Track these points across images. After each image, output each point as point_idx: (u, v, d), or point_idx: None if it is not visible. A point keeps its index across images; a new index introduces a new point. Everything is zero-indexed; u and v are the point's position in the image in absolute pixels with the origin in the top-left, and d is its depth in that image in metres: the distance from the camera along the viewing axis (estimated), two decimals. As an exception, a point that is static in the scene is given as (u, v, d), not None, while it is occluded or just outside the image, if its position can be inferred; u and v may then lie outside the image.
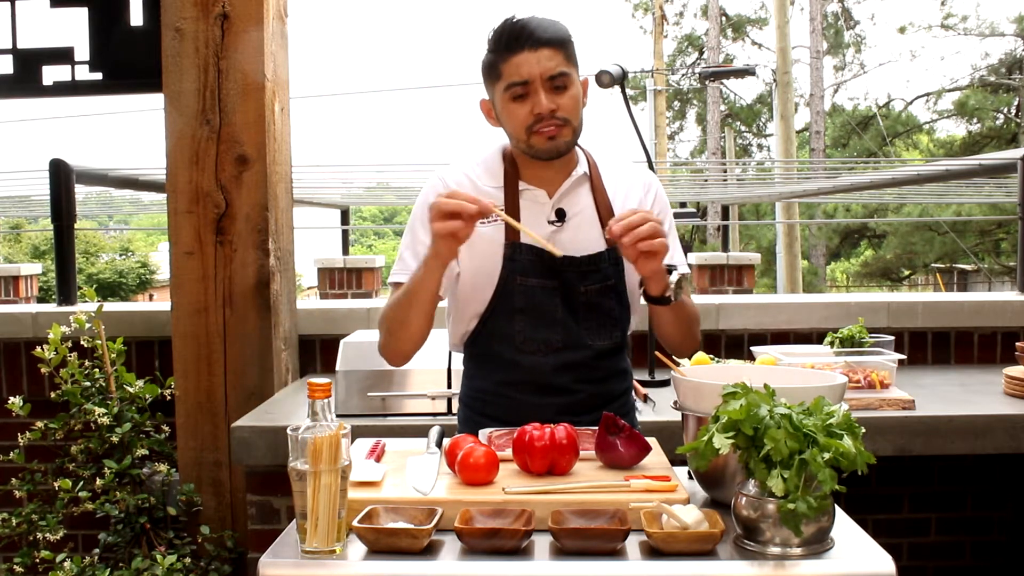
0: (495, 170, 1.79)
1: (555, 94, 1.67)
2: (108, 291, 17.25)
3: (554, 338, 1.74)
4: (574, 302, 1.73)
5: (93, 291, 2.79)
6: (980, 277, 18.62)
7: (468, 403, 1.87)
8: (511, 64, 1.66)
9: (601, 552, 1.22)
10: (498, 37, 1.69)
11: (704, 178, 9.54)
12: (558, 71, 1.66)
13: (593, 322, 1.75)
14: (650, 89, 17.24)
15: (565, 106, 1.68)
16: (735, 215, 13.74)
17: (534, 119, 1.67)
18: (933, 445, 2.30)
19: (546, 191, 1.76)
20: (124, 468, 2.56)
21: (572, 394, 1.75)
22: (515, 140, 1.73)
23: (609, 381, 1.82)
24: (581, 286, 1.73)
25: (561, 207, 1.75)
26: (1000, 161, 4.53)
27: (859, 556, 1.22)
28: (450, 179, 1.79)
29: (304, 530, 1.23)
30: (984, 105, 18.62)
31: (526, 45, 1.65)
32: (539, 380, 1.75)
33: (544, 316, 1.73)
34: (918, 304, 3.13)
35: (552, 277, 1.72)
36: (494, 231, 1.73)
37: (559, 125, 1.67)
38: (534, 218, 1.74)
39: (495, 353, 1.78)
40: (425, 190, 1.81)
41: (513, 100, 1.68)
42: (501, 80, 1.68)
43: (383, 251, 28.62)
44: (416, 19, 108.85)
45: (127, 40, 2.83)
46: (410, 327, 1.72)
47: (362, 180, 7.01)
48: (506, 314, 1.74)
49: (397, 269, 1.79)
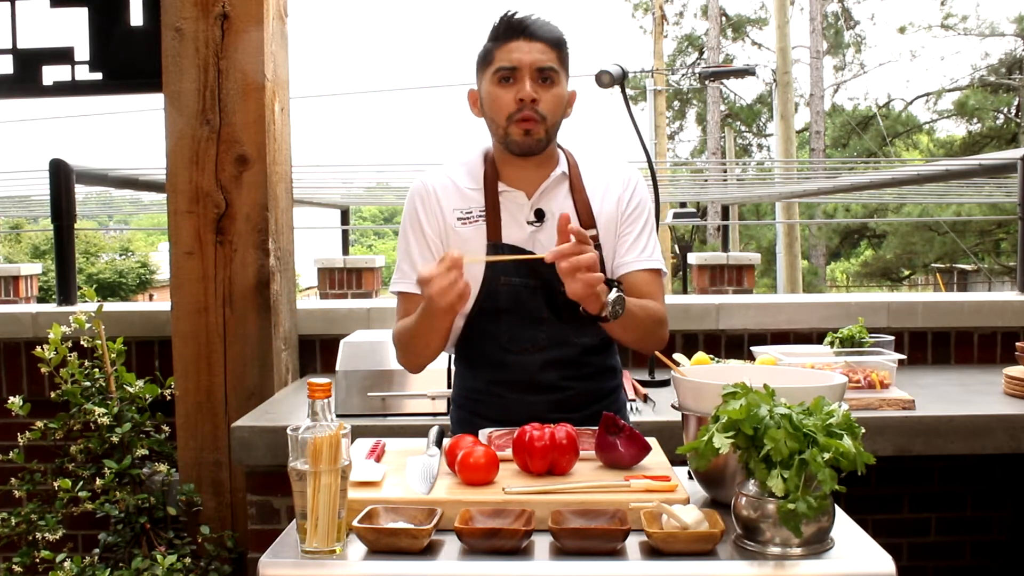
0: (475, 172, 1.82)
1: (540, 87, 1.70)
2: (108, 291, 17.25)
3: (539, 336, 1.76)
4: (557, 301, 1.74)
5: (93, 291, 2.79)
6: (980, 277, 18.62)
7: (461, 404, 1.89)
8: (504, 50, 1.70)
9: (601, 552, 1.22)
10: (496, 26, 1.73)
11: (704, 178, 9.54)
12: (548, 65, 1.70)
13: (577, 320, 1.74)
14: (650, 89, 17.22)
15: (547, 101, 1.70)
16: (735, 215, 13.75)
17: (516, 107, 1.69)
18: (933, 445, 2.30)
19: (525, 192, 1.78)
20: (124, 468, 2.56)
21: (561, 391, 1.78)
22: (494, 128, 1.75)
23: (597, 378, 1.84)
24: (562, 286, 1.72)
25: (540, 207, 1.78)
26: (1000, 161, 4.53)
27: (859, 556, 1.22)
28: (431, 182, 1.82)
29: (304, 530, 1.23)
30: (984, 105, 18.62)
31: (522, 35, 1.70)
32: (527, 378, 1.77)
33: (528, 315, 1.76)
34: (918, 304, 3.13)
35: (535, 277, 1.74)
36: (475, 232, 1.77)
37: (536, 120, 1.70)
38: (513, 219, 1.77)
39: (483, 353, 1.81)
40: (410, 195, 1.85)
41: (499, 84, 1.71)
42: (492, 65, 1.72)
43: (383, 251, 28.64)
44: (416, 19, 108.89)
45: (127, 40, 2.83)
46: (429, 347, 1.75)
47: (362, 180, 7.01)
48: (491, 314, 1.76)
49: (396, 278, 1.83)
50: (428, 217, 1.80)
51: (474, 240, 1.76)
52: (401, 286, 1.81)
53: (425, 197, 1.81)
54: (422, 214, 1.80)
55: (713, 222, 13.79)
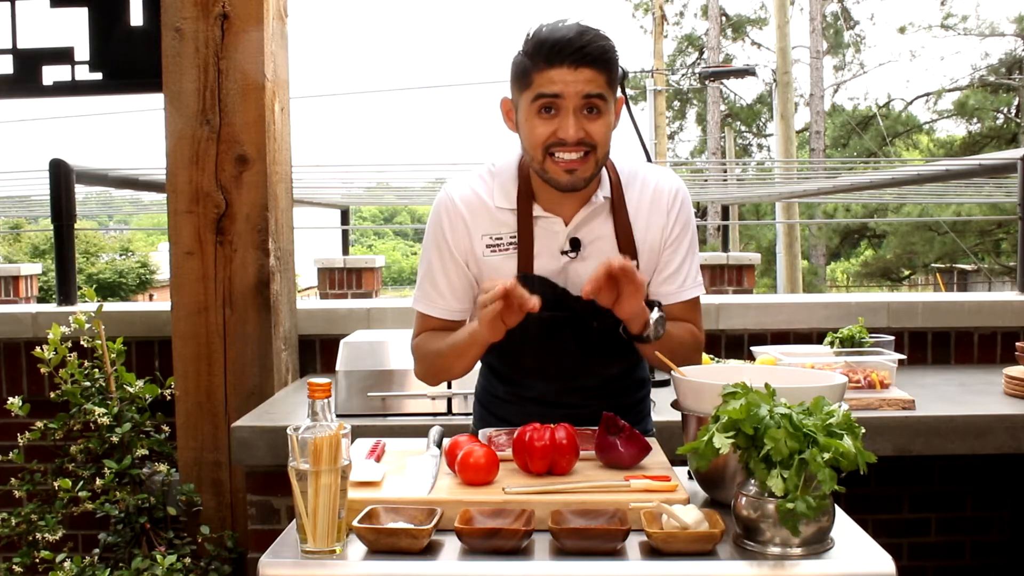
0: (508, 188, 1.67)
1: (586, 119, 1.54)
2: (108, 291, 17.23)
3: (565, 367, 1.72)
4: (585, 335, 1.68)
5: (93, 291, 2.79)
6: (980, 277, 18.62)
7: (483, 403, 1.87)
8: (545, 76, 1.52)
9: (601, 552, 1.22)
10: (538, 44, 1.53)
11: (704, 178, 9.53)
12: (596, 92, 1.53)
13: (606, 354, 1.72)
14: (650, 89, 17.23)
15: (594, 133, 1.54)
16: (735, 215, 13.73)
17: (555, 140, 1.54)
18: (933, 445, 2.30)
19: (562, 218, 1.65)
20: (124, 468, 2.56)
21: (584, 408, 1.72)
22: (530, 157, 1.60)
23: (622, 395, 1.80)
24: (593, 321, 1.66)
25: (577, 236, 1.65)
26: (1000, 161, 4.52)
27: (859, 556, 1.22)
28: (458, 198, 1.68)
29: (304, 530, 1.23)
30: (984, 105, 18.61)
31: (567, 61, 1.50)
32: (548, 399, 1.74)
33: (555, 348, 1.69)
34: (918, 304, 3.13)
35: (563, 309, 1.66)
36: (505, 261, 1.66)
37: (582, 156, 1.54)
38: (547, 247, 1.65)
39: (507, 371, 1.79)
40: (435, 208, 1.71)
41: (538, 114, 1.54)
42: (530, 89, 1.54)
43: (383, 251, 28.67)
44: (416, 19, 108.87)
45: (127, 40, 2.83)
46: (455, 372, 1.72)
47: (362, 180, 7.00)
48: (519, 342, 1.65)
49: (419, 296, 1.74)
50: (455, 239, 1.67)
51: (503, 269, 1.65)
52: (423, 306, 1.73)
53: (453, 215, 1.67)
54: (448, 234, 1.67)
55: (713, 222, 13.78)
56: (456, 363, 1.68)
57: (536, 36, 1.55)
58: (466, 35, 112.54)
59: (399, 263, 32.19)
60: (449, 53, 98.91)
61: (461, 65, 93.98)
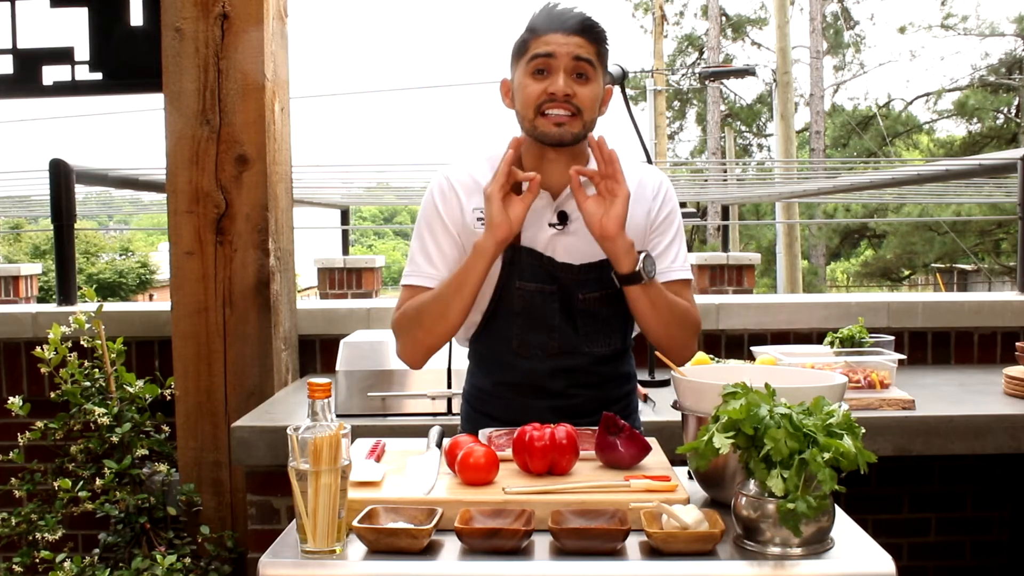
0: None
1: (575, 81, 1.64)
2: (108, 291, 17.25)
3: (551, 343, 1.73)
4: (572, 309, 1.72)
5: (93, 291, 2.79)
6: (980, 277, 18.62)
7: (469, 400, 1.88)
8: (540, 40, 1.64)
9: (601, 552, 1.22)
10: (535, 17, 1.68)
11: (704, 178, 9.54)
12: (585, 57, 1.64)
13: (591, 329, 1.74)
14: (650, 89, 17.24)
15: (582, 96, 1.64)
16: (735, 215, 13.74)
17: (546, 97, 1.63)
18: (933, 445, 2.30)
19: (550, 193, 1.72)
20: (124, 468, 2.56)
21: (569, 398, 1.75)
22: (522, 119, 1.69)
23: (607, 386, 1.80)
24: (580, 293, 1.72)
25: (564, 210, 1.72)
26: (1000, 161, 4.52)
27: (859, 556, 1.22)
28: (454, 178, 1.77)
29: (304, 530, 1.23)
30: (984, 105, 18.62)
31: (561, 28, 1.64)
32: (535, 383, 1.74)
33: (541, 321, 1.72)
34: (918, 304, 3.13)
35: (551, 282, 1.71)
36: None
37: (571, 114, 1.64)
38: (534, 220, 1.71)
39: (493, 354, 1.79)
40: (430, 189, 1.79)
41: (532, 75, 1.65)
42: (526, 54, 1.66)
43: (383, 251, 28.65)
44: (416, 19, 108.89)
45: (127, 40, 2.83)
46: (448, 320, 1.68)
47: (362, 180, 7.01)
48: (505, 317, 1.73)
49: (410, 271, 1.77)
50: (447, 210, 1.75)
51: None
52: (414, 279, 1.76)
53: (446, 192, 1.76)
54: (441, 207, 1.75)
55: (713, 222, 13.79)
56: (454, 300, 1.66)
57: (534, 13, 1.69)
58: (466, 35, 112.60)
59: (399, 263, 32.18)
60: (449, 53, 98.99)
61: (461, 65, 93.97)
